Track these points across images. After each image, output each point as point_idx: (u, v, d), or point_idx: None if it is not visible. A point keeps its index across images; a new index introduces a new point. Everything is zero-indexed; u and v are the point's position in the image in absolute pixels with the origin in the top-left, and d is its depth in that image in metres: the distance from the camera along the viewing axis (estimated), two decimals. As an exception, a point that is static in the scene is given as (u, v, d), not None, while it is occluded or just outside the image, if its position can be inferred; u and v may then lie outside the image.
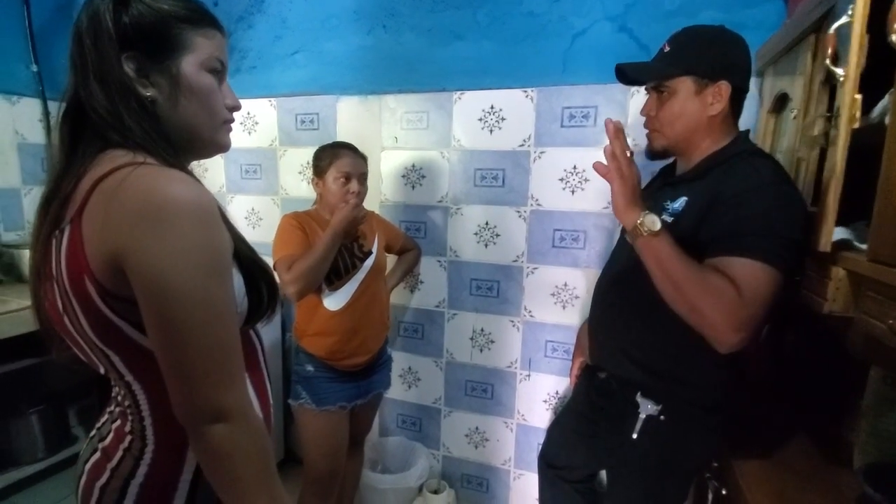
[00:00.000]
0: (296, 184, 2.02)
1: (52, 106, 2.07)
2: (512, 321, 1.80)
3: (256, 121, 2.03)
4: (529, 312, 1.77)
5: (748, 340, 0.88)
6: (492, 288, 1.81)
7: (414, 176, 1.84)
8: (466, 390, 1.91)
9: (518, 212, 1.73)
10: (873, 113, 0.82)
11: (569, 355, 1.74)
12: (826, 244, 0.85)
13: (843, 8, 0.82)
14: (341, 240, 1.36)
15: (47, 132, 2.13)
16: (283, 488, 0.61)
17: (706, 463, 1.15)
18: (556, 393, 1.79)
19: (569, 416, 1.37)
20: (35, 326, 0.65)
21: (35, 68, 2.08)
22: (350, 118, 1.88)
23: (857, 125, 0.81)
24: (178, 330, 0.53)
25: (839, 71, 0.82)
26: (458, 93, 1.73)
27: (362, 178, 1.44)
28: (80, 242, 0.55)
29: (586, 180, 1.63)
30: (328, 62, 1.88)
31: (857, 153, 0.82)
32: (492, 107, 1.70)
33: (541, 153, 1.67)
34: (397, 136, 1.84)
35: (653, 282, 0.93)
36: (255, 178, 2.09)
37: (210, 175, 2.15)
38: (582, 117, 1.61)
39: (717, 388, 1.05)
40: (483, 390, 1.89)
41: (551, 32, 1.60)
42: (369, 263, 1.47)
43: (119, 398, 0.65)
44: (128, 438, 0.63)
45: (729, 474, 1.05)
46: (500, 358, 1.84)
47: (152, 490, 0.62)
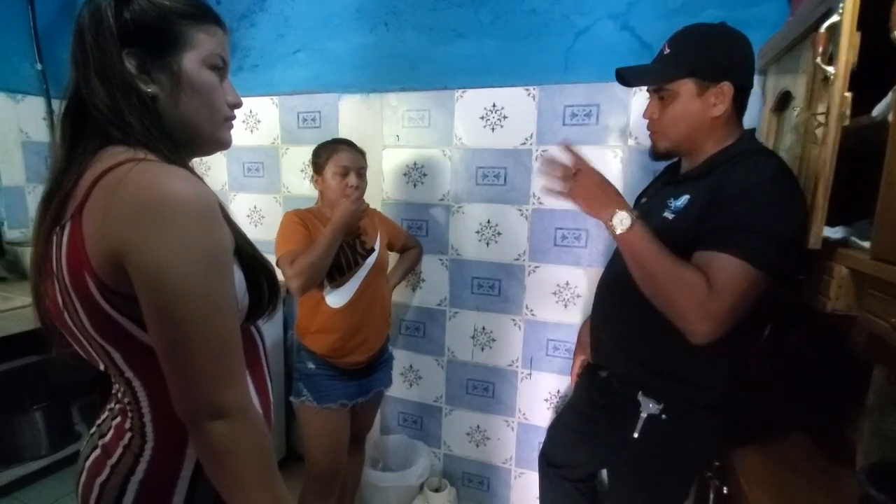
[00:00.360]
0: (298, 182, 2.03)
1: (56, 104, 2.07)
2: (513, 320, 1.80)
3: (259, 119, 2.03)
4: (531, 311, 1.77)
5: (718, 333, 0.88)
6: (493, 286, 1.81)
7: (416, 174, 1.84)
8: (468, 389, 1.91)
9: (520, 210, 1.73)
10: (876, 111, 0.82)
11: (570, 354, 1.74)
12: (816, 242, 0.85)
13: (836, 6, 0.82)
14: (343, 234, 1.36)
15: (51, 130, 2.15)
16: (284, 485, 0.61)
17: (707, 462, 1.14)
18: (558, 392, 1.78)
19: (570, 415, 1.37)
20: (37, 323, 0.66)
21: (39, 67, 2.10)
22: (352, 116, 1.89)
23: (847, 123, 0.81)
24: (179, 326, 0.53)
25: (830, 69, 0.82)
26: (460, 91, 1.73)
27: (361, 172, 1.44)
28: (81, 239, 0.55)
29: (588, 179, 1.63)
30: (330, 60, 1.88)
31: (862, 151, 0.81)
32: (493, 105, 1.70)
33: (543, 151, 1.67)
34: (399, 135, 1.84)
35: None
36: (258, 177, 2.09)
37: (212, 173, 2.15)
38: (584, 115, 1.60)
39: (719, 388, 1.05)
40: (484, 389, 1.89)
41: (553, 30, 1.59)
42: (371, 260, 1.47)
43: (119, 395, 0.65)
44: (128, 435, 0.63)
45: (730, 473, 1.05)
46: (502, 356, 1.84)
47: (152, 487, 0.62)
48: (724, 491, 1.05)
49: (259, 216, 2.13)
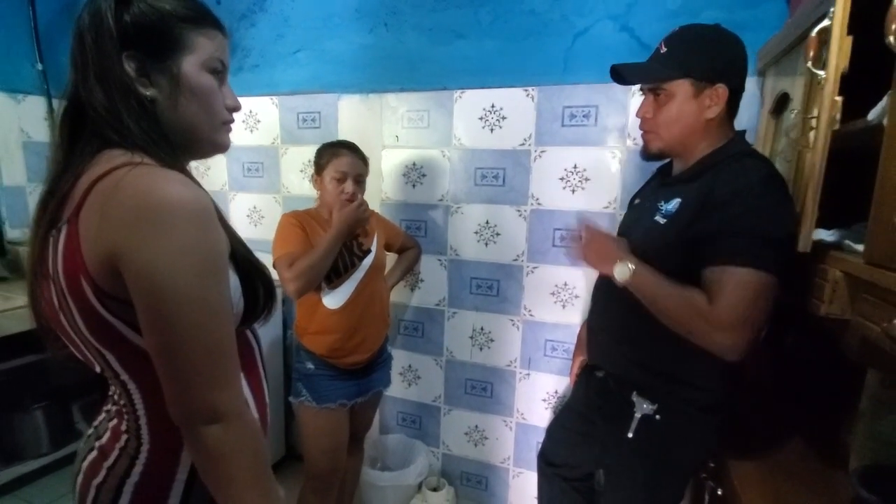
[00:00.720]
0: (297, 182, 2.03)
1: (58, 104, 2.09)
2: (512, 320, 1.80)
3: (258, 119, 2.04)
4: (529, 311, 1.78)
5: (744, 341, 0.90)
6: (492, 287, 1.81)
7: (415, 174, 1.84)
8: (466, 389, 1.92)
9: (518, 211, 1.73)
10: (871, 114, 0.82)
11: (568, 355, 1.75)
12: (805, 245, 0.86)
13: (828, 11, 0.82)
14: (344, 239, 1.37)
15: (52, 130, 2.15)
16: (279, 488, 0.62)
17: (702, 463, 1.15)
18: (556, 392, 1.79)
19: (567, 415, 1.37)
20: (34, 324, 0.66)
21: (40, 67, 2.10)
22: (351, 117, 1.89)
23: (838, 127, 0.81)
24: (174, 331, 0.53)
25: (821, 73, 0.82)
26: (459, 91, 1.73)
27: (359, 179, 1.44)
28: (77, 242, 0.55)
29: (587, 179, 1.63)
30: (330, 61, 1.88)
31: (859, 154, 0.81)
32: (492, 106, 1.70)
33: (541, 152, 1.67)
34: (398, 135, 1.84)
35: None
36: (257, 177, 2.10)
37: (212, 173, 2.16)
38: (583, 117, 1.60)
39: (714, 389, 1.05)
40: (483, 389, 1.90)
41: (552, 31, 1.59)
42: (368, 262, 1.48)
43: (115, 397, 0.65)
44: (124, 437, 0.63)
45: (725, 475, 1.05)
46: (500, 357, 1.84)
47: (147, 489, 0.62)
48: (719, 492, 1.06)
49: (259, 216, 2.13)
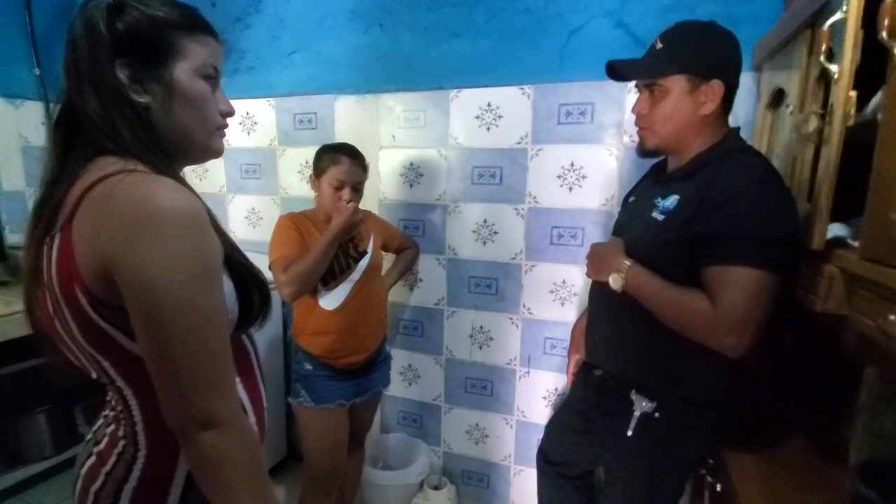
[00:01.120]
0: (295, 183, 2.03)
1: (55, 109, 2.09)
2: (511, 318, 1.80)
3: (255, 121, 2.04)
4: (528, 310, 1.78)
5: (749, 340, 0.90)
6: (490, 285, 1.81)
7: (412, 174, 1.84)
8: (466, 387, 1.92)
9: (516, 209, 1.73)
10: (867, 109, 0.82)
11: (567, 352, 1.75)
12: (819, 243, 0.85)
13: (838, 4, 0.81)
14: (338, 243, 1.37)
15: (50, 135, 2.16)
16: (275, 493, 0.62)
17: (702, 459, 1.15)
18: (555, 389, 1.79)
19: (567, 413, 1.37)
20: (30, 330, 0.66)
21: (37, 72, 2.10)
22: (348, 117, 1.89)
23: (852, 123, 0.80)
24: (168, 338, 0.53)
25: (833, 68, 0.81)
26: (455, 91, 1.73)
27: (357, 187, 1.43)
28: (71, 250, 0.55)
29: (584, 177, 1.63)
30: (325, 62, 1.88)
31: (855, 149, 0.81)
32: (489, 104, 1.70)
33: (538, 150, 1.67)
34: (395, 135, 1.84)
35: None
36: (255, 178, 2.10)
37: (210, 175, 2.16)
38: (579, 114, 1.60)
39: (712, 385, 1.05)
40: (483, 387, 1.90)
41: (547, 29, 1.59)
42: (364, 264, 1.48)
43: (112, 403, 0.65)
44: (121, 443, 0.63)
45: (724, 470, 1.06)
46: (500, 355, 1.85)
47: (145, 495, 0.62)
48: (718, 488, 1.06)
49: (257, 218, 2.14)
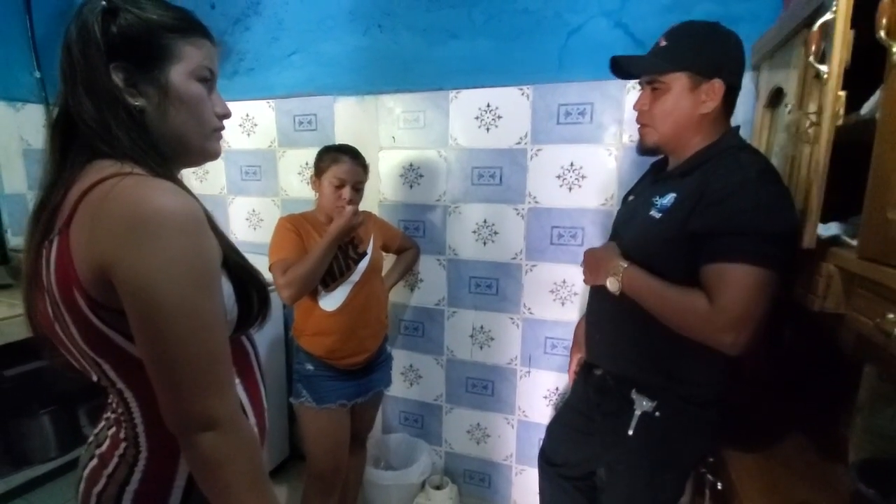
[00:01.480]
0: (296, 184, 2.04)
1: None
2: (511, 318, 1.81)
3: (255, 122, 2.04)
4: (529, 309, 1.78)
5: (747, 337, 0.90)
6: (491, 286, 1.81)
7: (412, 175, 1.85)
8: (467, 387, 1.93)
9: (516, 209, 1.73)
10: (864, 109, 0.82)
11: (568, 351, 1.75)
12: (811, 242, 0.86)
13: (829, 4, 0.82)
14: (337, 245, 1.37)
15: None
16: (276, 494, 0.62)
17: (703, 458, 1.15)
18: (556, 389, 1.79)
19: (568, 413, 1.38)
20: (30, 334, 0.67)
21: (38, 75, 2.11)
22: (348, 118, 1.89)
23: (842, 122, 0.80)
24: (166, 340, 0.53)
25: (823, 68, 0.82)
26: (455, 91, 1.73)
27: (357, 186, 1.44)
28: (69, 253, 0.55)
29: (583, 177, 1.63)
30: (325, 63, 1.88)
31: (854, 148, 0.81)
32: (488, 105, 1.70)
33: (538, 151, 1.67)
34: (395, 136, 1.84)
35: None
36: (255, 180, 2.10)
37: (210, 177, 2.17)
38: (578, 114, 1.60)
39: (712, 384, 1.05)
40: (484, 387, 1.90)
41: (546, 29, 1.59)
42: (364, 265, 1.48)
43: (113, 405, 0.66)
44: (122, 445, 0.64)
45: (724, 469, 1.06)
46: (500, 355, 1.85)
47: (146, 497, 0.63)
48: (719, 487, 1.06)
49: (257, 219, 2.14)
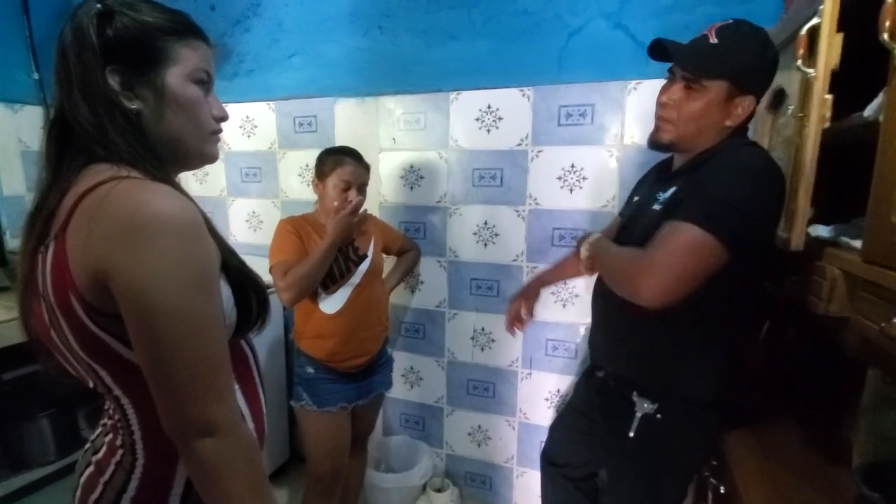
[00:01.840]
0: (296, 186, 2.03)
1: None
2: (512, 320, 1.80)
3: (255, 124, 2.04)
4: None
5: (664, 292, 0.87)
6: (492, 287, 1.81)
7: (412, 177, 1.84)
8: (468, 389, 1.92)
9: (517, 211, 1.73)
10: (868, 111, 0.81)
11: (570, 354, 1.75)
12: (798, 243, 0.85)
13: (818, 8, 0.82)
14: (337, 247, 1.37)
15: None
16: (276, 500, 0.62)
17: (704, 461, 1.15)
18: (558, 391, 1.79)
19: (570, 415, 1.37)
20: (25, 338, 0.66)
21: (36, 76, 2.11)
22: (348, 120, 1.89)
23: (828, 125, 0.81)
24: (164, 346, 0.53)
25: (810, 71, 0.82)
26: (455, 93, 1.73)
27: (362, 188, 1.44)
28: (65, 258, 0.55)
29: (584, 178, 1.63)
30: (325, 64, 1.88)
31: (857, 150, 0.81)
32: (488, 106, 1.69)
33: (538, 152, 1.66)
34: (395, 138, 1.84)
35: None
36: (256, 182, 2.10)
37: (210, 179, 2.16)
38: (579, 115, 1.60)
39: (714, 387, 1.05)
40: (485, 389, 1.90)
41: (546, 31, 1.59)
42: (364, 267, 1.48)
43: (110, 412, 0.65)
44: (119, 452, 0.63)
45: (727, 472, 1.05)
46: (502, 357, 1.84)
47: None
48: (722, 490, 1.06)
49: (258, 221, 2.14)
